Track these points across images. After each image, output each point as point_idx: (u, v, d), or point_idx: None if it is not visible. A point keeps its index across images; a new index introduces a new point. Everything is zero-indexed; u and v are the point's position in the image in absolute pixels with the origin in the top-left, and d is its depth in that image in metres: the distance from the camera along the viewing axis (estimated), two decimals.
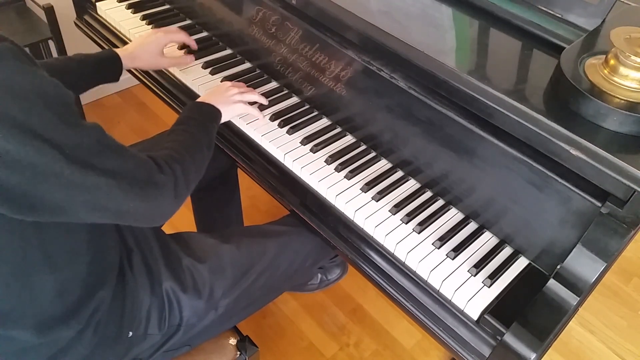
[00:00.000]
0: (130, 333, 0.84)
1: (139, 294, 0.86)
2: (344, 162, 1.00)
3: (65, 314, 0.75)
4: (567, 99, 0.75)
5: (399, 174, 1.00)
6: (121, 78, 1.09)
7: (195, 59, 1.23)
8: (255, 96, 1.07)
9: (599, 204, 0.73)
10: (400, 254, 0.88)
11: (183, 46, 1.25)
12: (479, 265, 0.85)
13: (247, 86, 1.13)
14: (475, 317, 0.81)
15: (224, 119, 0.99)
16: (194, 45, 1.21)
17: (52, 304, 0.73)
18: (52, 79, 0.61)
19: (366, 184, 0.96)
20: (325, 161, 1.01)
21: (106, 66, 1.06)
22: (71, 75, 0.99)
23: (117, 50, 1.08)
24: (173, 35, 1.15)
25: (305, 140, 1.04)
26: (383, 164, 1.02)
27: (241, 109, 1.03)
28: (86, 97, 2.10)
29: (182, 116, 0.93)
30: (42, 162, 0.58)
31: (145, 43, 1.11)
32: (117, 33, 1.35)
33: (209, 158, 0.88)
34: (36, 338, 0.73)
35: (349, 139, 1.06)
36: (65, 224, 0.70)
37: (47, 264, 0.70)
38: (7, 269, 0.67)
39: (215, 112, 0.97)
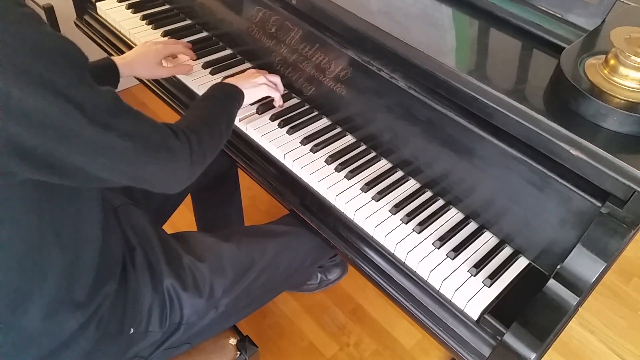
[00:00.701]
0: (132, 330, 0.85)
1: (141, 291, 0.86)
2: (344, 162, 1.00)
3: (72, 303, 0.75)
4: (567, 99, 0.75)
5: (399, 174, 1.00)
6: (121, 78, 1.09)
7: (196, 60, 1.23)
8: (278, 94, 1.08)
9: (599, 204, 0.73)
10: (400, 254, 0.88)
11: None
12: (479, 265, 0.85)
13: None
14: (475, 317, 0.81)
15: (247, 101, 1.01)
16: (193, 56, 1.21)
17: (61, 289, 0.73)
18: (71, 41, 0.63)
19: (366, 184, 0.96)
20: (325, 161, 1.01)
21: (102, 74, 1.05)
22: None
23: (115, 58, 1.08)
24: (173, 47, 1.16)
25: (305, 140, 1.04)
26: (383, 164, 1.02)
27: (265, 91, 1.05)
28: None
29: (204, 94, 0.95)
30: (65, 121, 0.59)
31: (145, 52, 1.11)
32: (117, 33, 1.35)
33: (227, 135, 0.90)
34: (41, 322, 0.73)
35: (349, 139, 1.06)
36: (76, 202, 0.71)
37: (57, 243, 0.71)
38: (21, 244, 0.67)
39: (238, 93, 0.99)
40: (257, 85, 1.03)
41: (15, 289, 0.70)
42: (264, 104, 1.10)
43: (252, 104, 1.10)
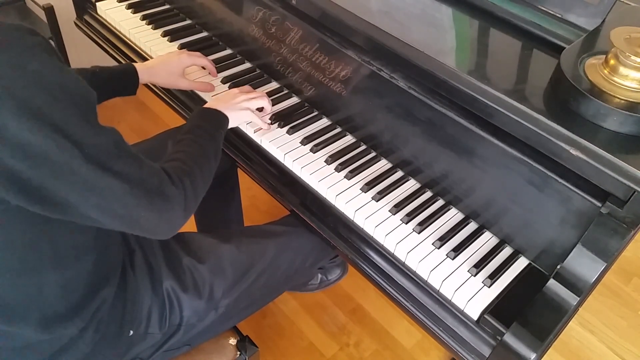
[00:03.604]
0: (131, 332, 0.85)
1: (140, 293, 0.86)
2: (344, 162, 1.00)
3: (69, 311, 0.75)
4: (567, 99, 0.75)
5: (399, 174, 1.00)
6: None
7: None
8: (265, 101, 1.05)
9: (599, 204, 0.73)
10: (400, 254, 0.88)
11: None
12: (479, 265, 0.85)
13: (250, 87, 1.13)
14: (475, 317, 0.81)
15: (231, 125, 0.98)
16: (215, 73, 1.18)
17: (58, 301, 0.73)
18: (78, 77, 0.62)
19: (366, 184, 0.96)
20: (325, 161, 1.01)
21: (121, 78, 1.04)
22: None
23: (136, 64, 1.07)
24: (196, 59, 1.13)
25: (305, 140, 1.04)
26: (383, 164, 1.02)
27: (248, 116, 1.02)
28: None
29: (189, 124, 0.91)
30: (61, 157, 0.58)
31: (167, 61, 1.10)
32: (117, 33, 1.35)
33: (216, 166, 0.88)
34: (40, 334, 0.73)
35: (349, 139, 1.06)
36: (72, 222, 0.70)
37: (55, 260, 0.70)
38: (17, 264, 0.67)
39: (222, 119, 0.96)
40: (240, 109, 1.00)
41: (11, 304, 0.69)
42: None
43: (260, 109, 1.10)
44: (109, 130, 0.65)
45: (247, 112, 1.01)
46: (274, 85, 1.18)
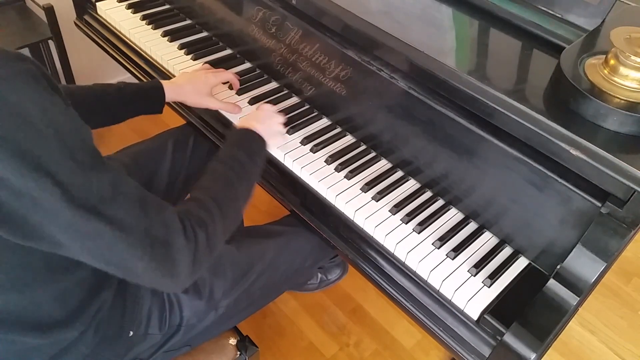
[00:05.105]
0: (131, 332, 0.84)
1: (140, 293, 0.86)
2: (344, 162, 1.00)
3: (68, 317, 0.75)
4: (567, 99, 0.75)
5: (399, 174, 1.00)
6: (120, 77, 1.08)
7: (195, 60, 1.23)
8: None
9: (599, 204, 0.73)
10: (400, 254, 0.88)
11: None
12: (479, 265, 0.85)
13: (247, 86, 1.13)
14: (475, 317, 0.81)
15: None
16: (237, 86, 1.16)
17: (55, 310, 0.73)
18: (70, 111, 0.57)
19: (366, 184, 0.96)
20: (325, 161, 1.01)
21: (146, 95, 1.03)
22: (107, 102, 0.98)
23: (163, 81, 1.05)
24: (222, 75, 1.11)
25: (305, 140, 1.04)
26: (383, 164, 1.02)
27: (279, 140, 0.99)
28: None
29: (226, 151, 0.83)
30: (41, 197, 0.54)
31: (195, 81, 1.07)
32: (117, 33, 1.35)
33: (244, 208, 0.79)
34: (39, 340, 0.73)
35: (349, 139, 1.06)
36: None
37: (48, 275, 0.69)
38: (8, 282, 0.65)
39: (262, 145, 0.89)
40: (275, 133, 0.96)
41: (4, 316, 0.69)
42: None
43: (252, 104, 1.10)
44: (107, 167, 0.59)
45: (279, 136, 0.98)
46: (274, 85, 1.18)
